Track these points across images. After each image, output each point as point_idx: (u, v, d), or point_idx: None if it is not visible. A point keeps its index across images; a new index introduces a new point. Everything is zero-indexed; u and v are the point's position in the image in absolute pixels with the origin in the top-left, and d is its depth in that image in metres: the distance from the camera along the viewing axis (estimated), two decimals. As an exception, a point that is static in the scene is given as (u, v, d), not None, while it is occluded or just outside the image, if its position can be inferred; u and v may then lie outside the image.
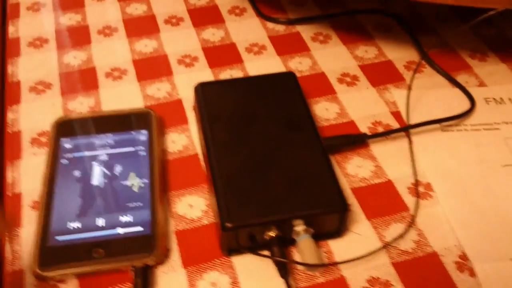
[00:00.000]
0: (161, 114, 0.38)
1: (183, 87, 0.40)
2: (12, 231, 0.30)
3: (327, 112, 0.38)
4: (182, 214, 0.32)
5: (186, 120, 0.38)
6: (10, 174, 0.34)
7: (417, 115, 0.37)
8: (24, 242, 0.30)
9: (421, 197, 0.32)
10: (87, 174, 0.32)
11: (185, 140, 0.36)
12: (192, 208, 0.32)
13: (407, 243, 0.30)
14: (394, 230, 0.31)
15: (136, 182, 0.32)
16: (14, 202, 0.32)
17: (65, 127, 0.35)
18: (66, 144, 0.34)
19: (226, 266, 0.29)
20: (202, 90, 0.36)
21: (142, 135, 0.35)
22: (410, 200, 0.32)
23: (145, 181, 0.32)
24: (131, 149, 0.34)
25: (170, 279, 0.29)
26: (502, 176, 0.33)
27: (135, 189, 0.31)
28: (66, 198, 0.31)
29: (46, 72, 0.41)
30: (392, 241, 0.30)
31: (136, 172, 0.32)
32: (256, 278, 0.29)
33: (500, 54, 0.43)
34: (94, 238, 0.29)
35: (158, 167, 0.33)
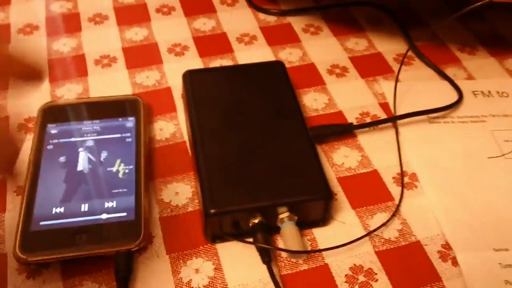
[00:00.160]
0: (149, 102, 0.37)
1: (173, 76, 0.40)
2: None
3: (316, 102, 0.38)
4: (168, 201, 0.32)
5: (174, 108, 0.37)
6: (-4, 159, 0.33)
7: (405, 107, 0.37)
8: (8, 227, 0.30)
9: (406, 187, 0.33)
10: (73, 160, 0.32)
11: (173, 128, 0.36)
12: (178, 195, 0.32)
13: (391, 232, 0.30)
14: (379, 219, 0.31)
15: (121, 168, 0.32)
16: (-1, 187, 0.32)
17: (51, 113, 0.35)
18: (52, 130, 0.34)
19: (210, 252, 0.29)
20: (190, 77, 0.36)
21: (129, 122, 0.34)
22: (395, 189, 0.33)
23: (130, 167, 0.32)
24: (118, 135, 0.34)
25: (153, 266, 0.29)
26: (487, 167, 0.33)
27: (120, 175, 0.31)
28: (51, 184, 0.31)
29: (35, 58, 0.41)
30: (376, 229, 0.30)
31: (122, 158, 0.32)
32: (239, 265, 0.29)
33: (489, 48, 0.43)
34: (78, 223, 0.29)
35: (144, 154, 0.33)
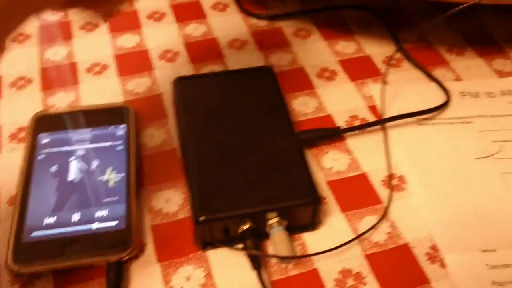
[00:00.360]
0: (141, 109, 0.38)
1: (164, 82, 0.40)
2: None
3: (305, 106, 0.39)
4: (159, 209, 0.32)
5: (165, 115, 0.38)
6: (-11, 169, 0.34)
7: (393, 109, 0.38)
8: (0, 237, 0.30)
9: (395, 189, 0.33)
10: (64, 169, 0.32)
11: (164, 135, 0.36)
12: (168, 202, 0.32)
13: (380, 235, 0.31)
14: (368, 222, 0.31)
15: (112, 176, 0.32)
16: (-8, 197, 0.32)
17: (43, 122, 0.35)
18: (44, 139, 0.34)
19: (201, 259, 0.30)
20: (179, 84, 0.36)
21: (120, 130, 0.35)
22: (384, 192, 0.33)
23: (121, 175, 0.32)
24: (109, 144, 0.34)
25: (144, 274, 0.29)
26: (475, 168, 0.33)
27: (111, 184, 0.32)
28: (42, 194, 0.31)
29: (27, 67, 0.41)
30: (364, 232, 0.30)
31: (113, 166, 0.33)
32: (230, 271, 0.29)
33: (477, 48, 0.44)
34: (69, 233, 0.29)
35: (135, 162, 0.33)
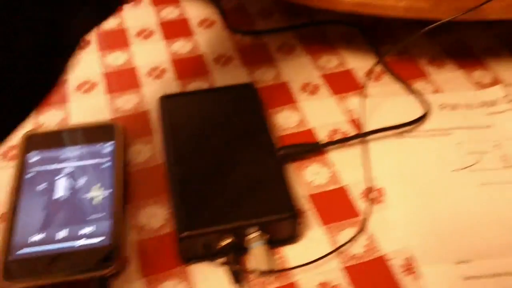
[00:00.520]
0: (128, 126, 0.39)
1: (151, 99, 0.41)
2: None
3: (288, 121, 0.39)
4: (144, 224, 0.33)
5: (152, 131, 0.39)
6: (-21, 188, 0.35)
7: (374, 122, 0.38)
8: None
9: (373, 202, 0.34)
10: (52, 187, 0.33)
11: (150, 151, 0.37)
12: (153, 218, 0.33)
13: (358, 247, 0.31)
14: (347, 234, 0.32)
15: (99, 194, 0.33)
16: (-18, 216, 0.33)
17: (32, 141, 0.36)
18: (33, 157, 0.35)
19: (184, 274, 0.30)
20: (164, 102, 0.37)
21: (107, 147, 0.36)
22: (363, 205, 0.34)
23: (107, 192, 0.33)
24: (96, 161, 0.35)
25: (129, 288, 0.30)
26: (452, 180, 0.34)
27: (98, 201, 0.33)
28: (30, 211, 0.32)
29: None
30: (343, 245, 0.31)
31: (99, 184, 0.33)
32: (212, 286, 0.30)
33: (458, 60, 0.45)
34: (56, 250, 0.30)
35: (121, 179, 0.34)
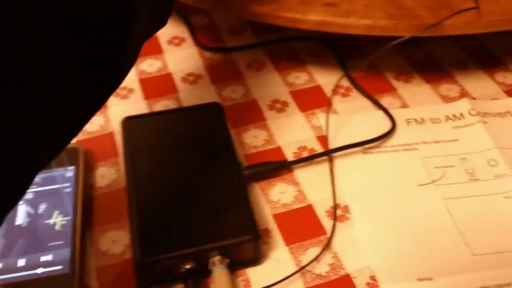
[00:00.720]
0: (92, 148, 0.38)
1: (117, 120, 0.41)
2: None
3: (256, 139, 0.39)
4: (105, 250, 0.32)
5: (116, 153, 0.38)
6: None
7: (341, 139, 0.38)
8: None
9: (338, 220, 0.33)
10: (12, 214, 0.32)
11: (114, 174, 0.37)
12: (115, 243, 0.32)
13: (322, 267, 0.31)
14: (312, 254, 0.32)
15: (59, 220, 0.32)
16: None
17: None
18: (-8, 184, 0.34)
19: (145, 299, 0.30)
20: (127, 124, 0.37)
21: (69, 172, 0.35)
22: (328, 223, 0.33)
23: (68, 218, 0.32)
24: (57, 186, 0.34)
25: (89, 316, 0.29)
26: (417, 196, 0.34)
27: (57, 227, 0.32)
28: (-13, 240, 0.31)
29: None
30: (306, 265, 0.31)
31: (59, 210, 0.33)
32: (174, 310, 0.29)
33: (425, 74, 0.45)
34: (14, 279, 0.29)
35: (82, 204, 0.33)
